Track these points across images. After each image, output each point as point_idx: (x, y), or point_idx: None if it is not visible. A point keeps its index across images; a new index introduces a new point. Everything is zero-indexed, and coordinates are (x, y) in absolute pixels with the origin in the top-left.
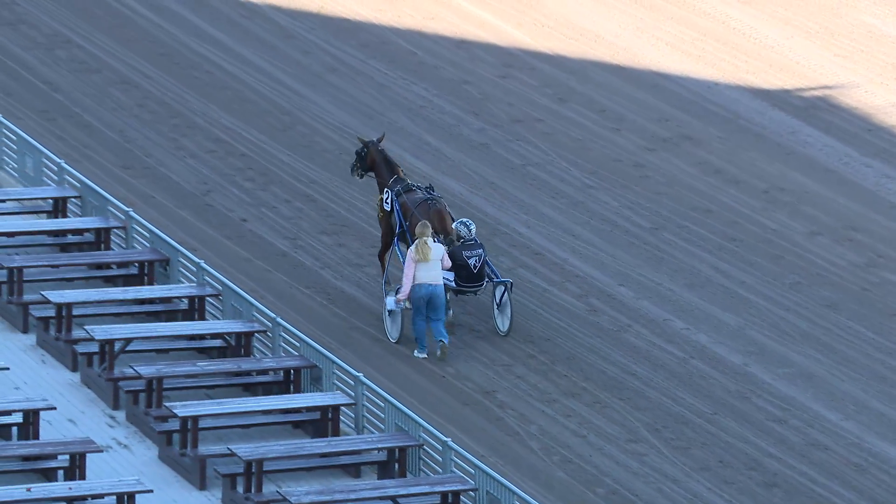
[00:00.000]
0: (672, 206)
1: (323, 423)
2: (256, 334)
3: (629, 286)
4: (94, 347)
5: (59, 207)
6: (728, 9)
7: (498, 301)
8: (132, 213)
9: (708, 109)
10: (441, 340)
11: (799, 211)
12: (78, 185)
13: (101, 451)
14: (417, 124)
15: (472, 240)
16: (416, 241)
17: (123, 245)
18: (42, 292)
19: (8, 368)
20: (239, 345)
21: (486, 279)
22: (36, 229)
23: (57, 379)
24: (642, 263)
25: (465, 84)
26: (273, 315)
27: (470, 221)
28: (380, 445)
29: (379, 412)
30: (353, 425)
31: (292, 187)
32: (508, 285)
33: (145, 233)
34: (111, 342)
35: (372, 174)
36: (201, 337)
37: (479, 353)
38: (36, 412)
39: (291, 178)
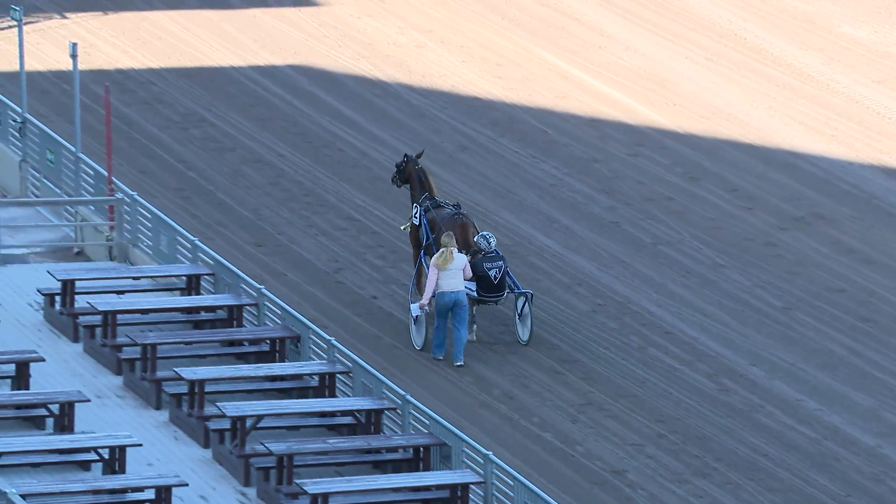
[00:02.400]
0: (804, 285)
1: (452, 501)
2: (386, 411)
3: (761, 366)
4: (226, 424)
5: (192, 284)
6: (861, 88)
7: (519, 311)
8: (264, 291)
9: (841, 189)
10: (458, 360)
11: None
12: (211, 262)
13: None
14: (547, 202)
15: (492, 252)
16: (441, 251)
17: (255, 322)
18: (175, 369)
19: (141, 445)
20: (369, 422)
21: (507, 290)
22: (169, 306)
23: (189, 455)
24: (774, 343)
25: (596, 162)
26: (402, 392)
27: (490, 235)
28: None
29: (508, 491)
30: None
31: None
32: (529, 296)
33: (277, 310)
34: (243, 419)
35: (408, 186)
36: (331, 414)
37: (608, 433)
38: (168, 489)
39: None
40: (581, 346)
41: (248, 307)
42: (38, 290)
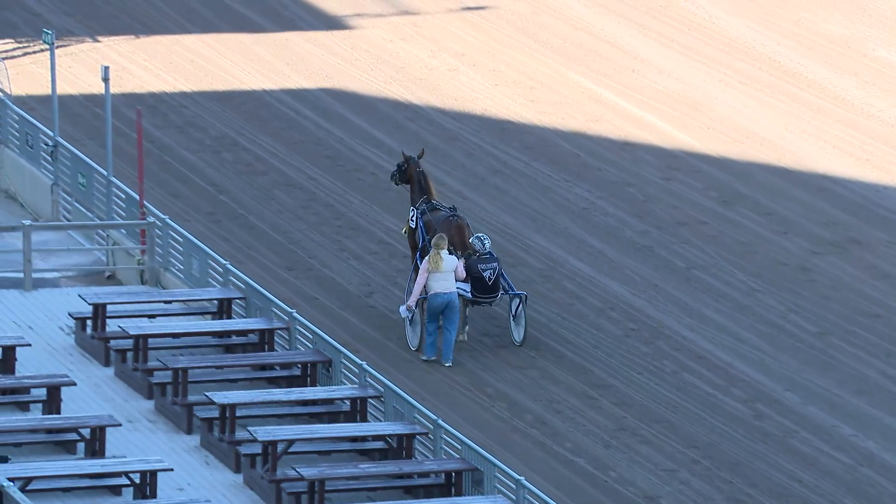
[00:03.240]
0: (839, 310)
1: None
2: (418, 436)
3: (796, 391)
4: (258, 449)
5: (223, 308)
6: None
7: (513, 313)
8: (295, 315)
9: (876, 213)
10: (447, 361)
11: None
12: (242, 286)
13: None
14: (580, 226)
15: (487, 253)
16: (431, 253)
17: (286, 346)
18: (206, 393)
19: (172, 469)
20: (400, 447)
21: (501, 291)
22: (201, 330)
23: (220, 480)
24: (809, 368)
25: (629, 186)
26: (434, 417)
27: (485, 236)
28: None
29: None
30: None
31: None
32: (523, 298)
33: (308, 334)
34: (274, 443)
35: (407, 186)
36: (363, 439)
37: (642, 458)
38: None
39: None
40: (614, 370)
41: (279, 331)
42: (70, 314)
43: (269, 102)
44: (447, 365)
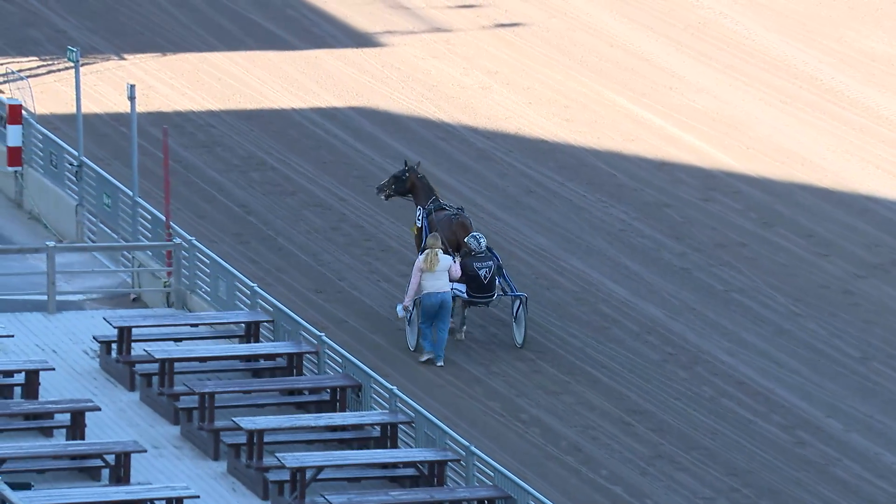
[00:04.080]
0: (882, 334)
1: None
2: (450, 463)
3: (837, 418)
4: (286, 475)
5: (251, 332)
6: None
7: (514, 314)
8: (325, 338)
9: None
10: (439, 360)
11: None
12: (270, 308)
13: None
14: (616, 248)
15: (482, 252)
16: (426, 252)
17: (315, 370)
18: (234, 418)
19: (198, 497)
20: (432, 474)
21: (500, 291)
22: (228, 354)
23: None
24: (851, 394)
25: (666, 207)
26: (466, 443)
27: (481, 235)
28: None
29: None
30: None
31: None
32: (523, 299)
33: (338, 358)
34: (302, 470)
35: (408, 197)
36: (394, 465)
37: (679, 486)
38: None
39: None
40: (651, 396)
41: (308, 355)
42: (94, 338)
43: (298, 121)
44: (439, 365)
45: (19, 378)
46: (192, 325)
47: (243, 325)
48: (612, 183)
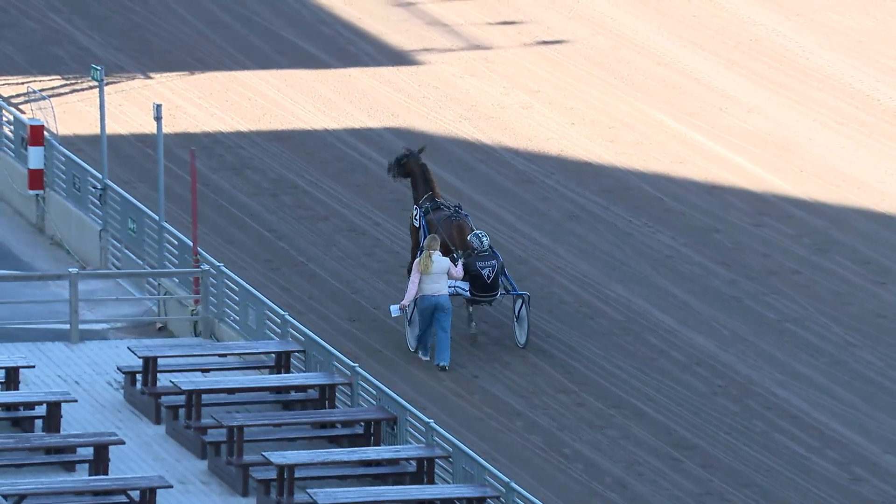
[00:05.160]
0: None
1: None
2: (489, 500)
3: (895, 453)
4: None
5: (281, 362)
6: None
7: (516, 314)
8: (358, 369)
9: None
10: (443, 365)
11: None
12: (302, 338)
13: None
14: (663, 275)
15: (485, 251)
16: (422, 254)
17: (349, 403)
18: (263, 453)
19: None
20: None
21: (503, 290)
22: (257, 385)
23: None
24: None
25: (716, 232)
26: (506, 479)
27: (483, 234)
28: None
29: None
30: None
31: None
32: (526, 298)
33: (372, 389)
34: None
35: (408, 182)
36: (430, 502)
37: None
38: None
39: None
40: (700, 430)
41: (341, 387)
42: (119, 368)
43: (331, 142)
44: (443, 365)
45: (40, 410)
46: (220, 356)
47: (273, 355)
48: (658, 207)
